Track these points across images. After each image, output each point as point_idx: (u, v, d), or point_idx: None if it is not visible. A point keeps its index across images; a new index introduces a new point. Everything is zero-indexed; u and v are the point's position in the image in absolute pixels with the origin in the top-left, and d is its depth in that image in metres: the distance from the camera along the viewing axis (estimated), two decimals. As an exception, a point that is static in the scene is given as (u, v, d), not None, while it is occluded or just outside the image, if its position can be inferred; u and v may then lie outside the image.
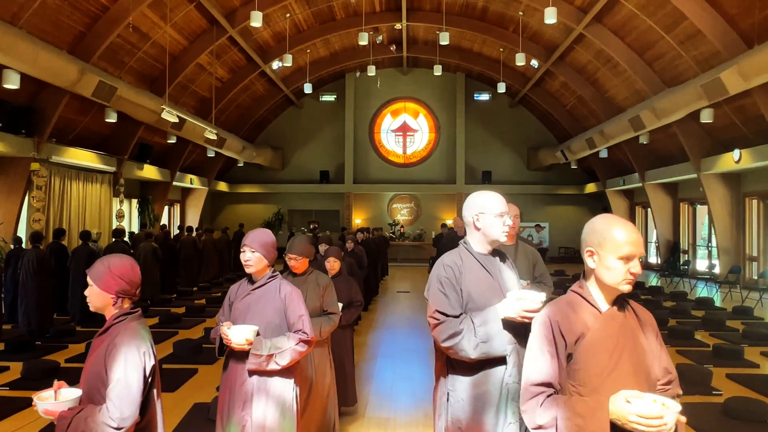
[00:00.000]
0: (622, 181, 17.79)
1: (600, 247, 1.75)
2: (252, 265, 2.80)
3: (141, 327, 2.10)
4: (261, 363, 2.66)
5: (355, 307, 4.53)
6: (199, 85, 15.41)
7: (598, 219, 1.83)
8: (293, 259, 3.60)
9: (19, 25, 8.97)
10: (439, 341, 2.29)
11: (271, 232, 2.91)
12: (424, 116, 22.19)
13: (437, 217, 21.79)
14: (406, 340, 8.00)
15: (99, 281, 2.09)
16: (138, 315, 2.14)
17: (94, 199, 13.45)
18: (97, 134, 13.23)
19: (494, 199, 2.41)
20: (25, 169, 10.75)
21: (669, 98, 11.81)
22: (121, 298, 2.11)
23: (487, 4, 14.70)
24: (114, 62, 11.81)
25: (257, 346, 2.67)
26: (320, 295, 3.64)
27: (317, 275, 3.72)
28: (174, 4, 11.66)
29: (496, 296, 2.33)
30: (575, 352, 1.76)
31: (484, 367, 2.29)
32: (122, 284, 2.09)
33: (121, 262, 2.12)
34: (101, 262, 2.13)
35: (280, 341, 2.71)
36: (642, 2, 11.26)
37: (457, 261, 2.40)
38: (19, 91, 9.57)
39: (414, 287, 13.94)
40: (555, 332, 1.78)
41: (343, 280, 4.49)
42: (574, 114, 18.53)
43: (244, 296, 2.86)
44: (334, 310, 3.70)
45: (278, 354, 2.68)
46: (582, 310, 1.81)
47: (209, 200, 20.98)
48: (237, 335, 2.66)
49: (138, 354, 2.00)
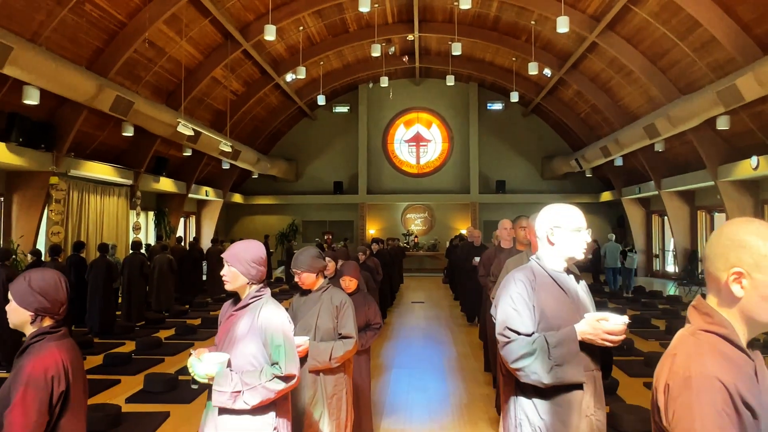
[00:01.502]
0: (638, 190, 17.63)
1: (757, 269, 1.24)
2: (228, 281, 2.45)
3: (57, 349, 1.92)
4: (226, 401, 2.25)
5: (372, 330, 4.10)
6: (214, 99, 15.59)
7: (744, 227, 1.28)
8: (297, 275, 3.25)
9: (39, 42, 9.16)
10: (508, 362, 2.09)
11: (259, 244, 2.54)
12: (437, 126, 22.22)
13: (451, 226, 21.75)
14: (422, 351, 7.97)
15: (16, 296, 1.95)
16: (59, 335, 1.97)
17: (112, 212, 13.61)
18: (114, 148, 13.42)
19: (571, 212, 2.25)
20: (44, 182, 10.93)
21: (684, 105, 11.71)
22: (40, 316, 1.96)
23: (499, 14, 14.73)
24: (131, 77, 12.00)
25: (220, 380, 2.26)
26: (335, 315, 3.22)
27: (333, 293, 3.31)
28: (189, 19, 11.84)
29: (571, 316, 2.14)
30: None
31: (560, 392, 2.07)
32: (42, 301, 1.94)
33: (44, 278, 1.98)
34: (23, 276, 1.99)
35: (249, 376, 2.28)
36: (655, 10, 11.22)
37: (529, 276, 2.22)
38: (38, 106, 9.75)
39: (429, 298, 13.90)
40: (737, 404, 1.17)
41: (361, 298, 4.07)
42: (588, 122, 18.44)
43: (228, 317, 2.51)
44: (350, 333, 3.24)
45: (247, 391, 2.25)
46: (737, 360, 1.25)
47: (224, 212, 21.13)
48: (201, 366, 2.29)
49: (44, 380, 1.83)
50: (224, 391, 2.24)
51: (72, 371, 1.94)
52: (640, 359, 6.95)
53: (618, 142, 15.19)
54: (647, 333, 8.74)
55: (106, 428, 4.69)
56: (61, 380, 1.87)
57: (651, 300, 12.25)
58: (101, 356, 7.19)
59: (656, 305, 11.52)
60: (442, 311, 11.66)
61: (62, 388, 1.88)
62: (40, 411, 1.81)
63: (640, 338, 8.39)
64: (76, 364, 1.98)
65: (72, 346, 2.01)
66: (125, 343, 8.26)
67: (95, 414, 4.75)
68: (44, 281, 1.97)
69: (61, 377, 1.88)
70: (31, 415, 1.79)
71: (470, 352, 7.75)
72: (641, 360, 6.90)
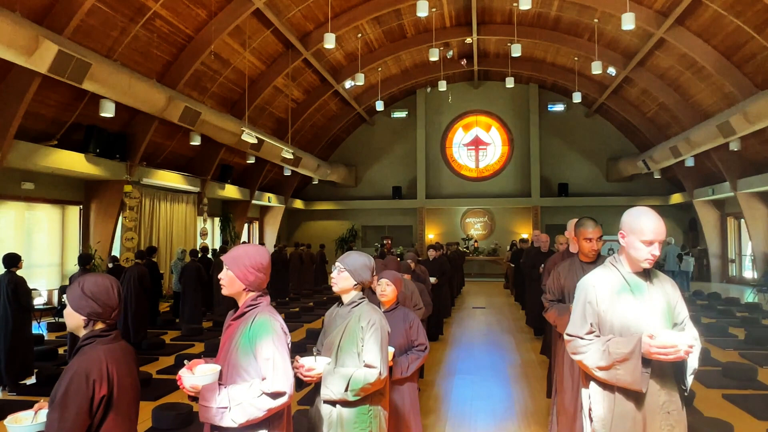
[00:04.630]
0: (712, 191, 16.76)
1: None
2: (224, 285, 2.28)
3: (104, 353, 1.95)
4: (212, 417, 2.09)
5: (415, 353, 3.43)
6: (276, 107, 15.98)
7: None
8: (338, 270, 2.75)
9: (114, 57, 9.68)
10: None
11: (263, 250, 2.35)
12: (496, 129, 21.92)
13: (512, 231, 21.37)
14: (484, 358, 7.85)
15: (71, 301, 2.00)
16: (109, 339, 2.01)
17: (180, 218, 14.18)
18: (182, 157, 13.98)
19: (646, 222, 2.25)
20: (118, 191, 11.53)
21: (763, 101, 11.05)
22: (92, 320, 2.00)
23: (560, 13, 14.40)
24: (198, 88, 12.48)
25: (207, 395, 2.10)
26: (360, 337, 2.61)
27: (363, 310, 2.67)
28: (252, 31, 12.20)
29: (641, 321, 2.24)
30: None
31: None
32: (93, 306, 1.99)
33: (96, 284, 2.02)
34: (77, 282, 2.04)
35: (237, 391, 2.10)
36: (729, 2, 10.67)
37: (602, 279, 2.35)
38: (113, 119, 10.29)
39: (489, 303, 13.70)
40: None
41: (400, 314, 3.47)
42: (655, 122, 17.72)
43: (227, 327, 2.34)
44: (372, 362, 2.56)
45: (234, 407, 2.07)
46: None
47: (286, 218, 21.60)
48: (189, 379, 2.13)
49: (85, 382, 1.86)
50: (210, 407, 2.09)
51: (117, 376, 1.95)
52: (718, 369, 6.58)
53: (689, 142, 14.51)
54: (725, 342, 8.27)
55: (178, 426, 4.86)
56: (103, 384, 1.90)
57: (727, 307, 11.59)
58: (173, 357, 7.48)
59: (733, 313, 10.89)
60: (503, 317, 11.46)
61: (104, 392, 1.90)
62: (79, 413, 1.84)
63: (716, 348, 7.95)
64: (124, 369, 2.00)
65: (123, 351, 2.03)
66: (194, 344, 8.56)
67: (167, 413, 4.93)
68: (96, 286, 2.01)
69: (103, 381, 1.90)
70: (69, 416, 1.82)
71: (535, 359, 7.57)
72: (719, 370, 6.54)
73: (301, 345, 7.68)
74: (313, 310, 11.57)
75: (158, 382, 6.25)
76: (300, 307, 11.99)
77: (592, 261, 3.68)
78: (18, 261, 6.40)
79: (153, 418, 4.92)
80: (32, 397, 5.62)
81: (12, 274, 6.26)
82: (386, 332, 2.70)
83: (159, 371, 6.82)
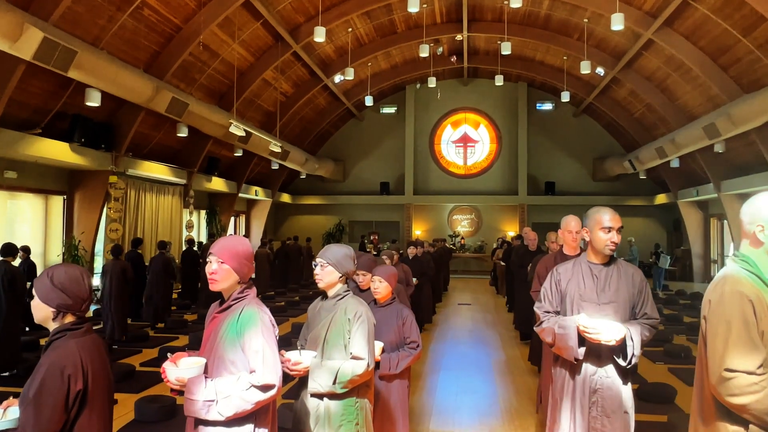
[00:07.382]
0: (696, 192, 16.95)
1: None
2: (218, 280, 2.19)
3: (77, 346, 1.89)
4: (198, 410, 2.04)
5: (407, 350, 3.37)
6: (265, 100, 15.88)
7: None
8: (321, 266, 2.70)
9: (101, 46, 9.55)
10: None
11: (246, 241, 2.31)
12: (485, 127, 21.98)
13: (498, 228, 21.47)
14: (469, 353, 7.89)
15: (39, 292, 1.94)
16: (81, 332, 1.95)
17: (166, 210, 14.06)
18: (169, 148, 13.85)
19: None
20: (103, 181, 11.39)
21: (747, 104, 11.19)
22: (62, 312, 1.94)
23: (550, 12, 14.45)
24: (185, 79, 12.35)
25: (192, 387, 2.05)
26: (347, 329, 2.59)
27: (348, 302, 2.65)
28: (242, 22, 12.10)
29: None
30: None
31: None
32: (63, 297, 1.93)
33: (65, 274, 1.96)
34: (46, 272, 1.97)
35: (224, 384, 2.06)
36: (716, 5, 10.76)
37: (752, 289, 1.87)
38: (99, 108, 10.16)
39: (475, 300, 13.76)
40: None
41: (393, 310, 3.41)
42: (642, 122, 17.86)
43: (212, 319, 2.27)
44: (360, 354, 2.54)
45: (221, 400, 2.03)
46: None
47: (273, 211, 21.50)
48: (173, 371, 2.09)
49: (60, 377, 1.82)
50: (196, 400, 2.04)
51: (92, 370, 1.91)
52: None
53: (675, 143, 14.66)
54: (706, 341, 8.38)
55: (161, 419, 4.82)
56: (78, 379, 1.86)
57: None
58: (156, 349, 7.42)
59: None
60: (489, 314, 11.52)
61: (79, 387, 1.86)
62: (54, 409, 1.80)
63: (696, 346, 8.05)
64: (97, 362, 1.95)
65: (95, 344, 1.98)
66: (179, 337, 8.50)
67: (151, 405, 4.89)
68: (66, 277, 1.95)
69: (78, 375, 1.86)
70: (45, 412, 1.79)
71: (519, 354, 7.62)
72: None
73: (287, 339, 7.65)
74: (299, 305, 11.55)
75: (141, 375, 6.20)
76: (285, 301, 11.96)
77: (605, 263, 2.81)
78: (15, 252, 6.33)
79: (136, 411, 4.88)
80: (12, 388, 5.55)
81: (8, 264, 6.18)
82: (373, 324, 2.68)
83: (142, 363, 6.77)
